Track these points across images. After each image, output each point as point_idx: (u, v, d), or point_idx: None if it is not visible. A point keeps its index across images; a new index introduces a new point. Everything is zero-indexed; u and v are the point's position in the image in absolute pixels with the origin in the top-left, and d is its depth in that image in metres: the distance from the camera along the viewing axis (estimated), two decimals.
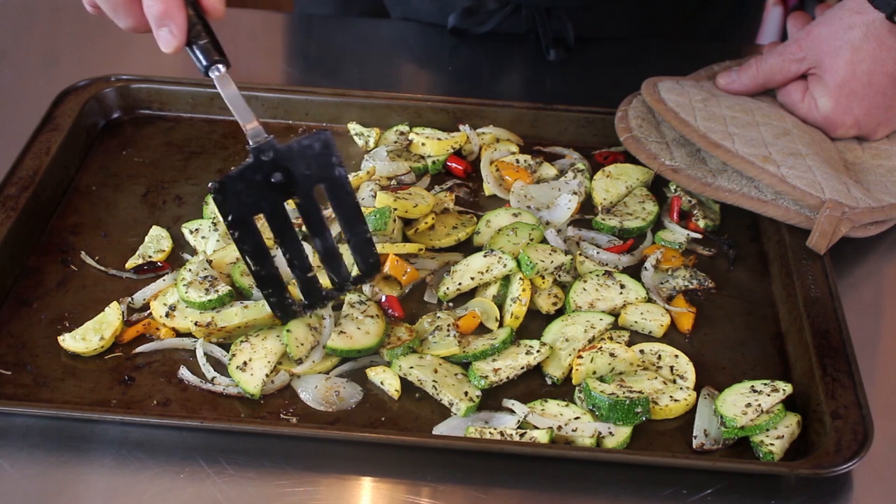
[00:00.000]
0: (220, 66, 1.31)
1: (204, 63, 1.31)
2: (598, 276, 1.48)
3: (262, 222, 1.35)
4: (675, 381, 1.36)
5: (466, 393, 1.32)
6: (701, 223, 1.59)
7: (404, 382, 1.35)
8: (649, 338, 1.44)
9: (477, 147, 1.72)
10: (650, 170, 1.63)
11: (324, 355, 1.37)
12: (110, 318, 1.39)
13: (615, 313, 1.46)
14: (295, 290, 1.38)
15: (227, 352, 1.36)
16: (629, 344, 1.41)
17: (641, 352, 1.40)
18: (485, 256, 1.47)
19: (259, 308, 1.39)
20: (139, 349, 1.38)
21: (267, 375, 1.33)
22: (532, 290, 1.45)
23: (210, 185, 1.27)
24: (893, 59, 1.56)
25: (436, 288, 1.48)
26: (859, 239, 1.54)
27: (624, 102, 1.70)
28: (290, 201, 1.33)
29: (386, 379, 1.35)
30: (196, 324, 1.37)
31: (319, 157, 1.31)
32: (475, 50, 1.97)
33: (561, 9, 1.91)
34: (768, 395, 1.31)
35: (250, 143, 1.28)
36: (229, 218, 1.28)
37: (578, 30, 1.93)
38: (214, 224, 1.53)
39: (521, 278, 1.44)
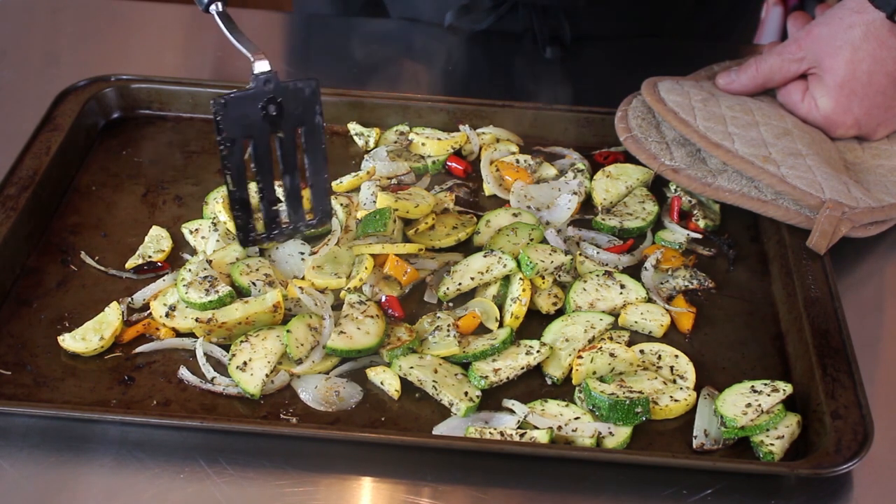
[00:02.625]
0: (219, 2, 1.40)
1: (205, 1, 1.40)
2: (598, 276, 1.48)
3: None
4: (675, 381, 1.36)
5: (466, 393, 1.32)
6: (701, 223, 1.59)
7: (404, 382, 1.35)
8: (649, 338, 1.44)
9: (477, 147, 1.72)
10: (650, 170, 1.63)
11: (324, 355, 1.37)
12: (110, 318, 1.39)
13: (615, 313, 1.46)
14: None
15: (227, 352, 1.36)
16: (629, 344, 1.41)
17: (641, 352, 1.40)
18: (485, 256, 1.47)
19: (259, 303, 1.39)
20: (139, 349, 1.38)
21: (267, 375, 1.33)
22: (532, 290, 1.45)
23: (213, 100, 1.35)
24: (894, 59, 1.56)
25: (436, 288, 1.48)
26: (859, 239, 1.54)
27: (624, 102, 1.70)
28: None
29: (386, 379, 1.35)
30: (197, 320, 1.37)
31: (307, 101, 1.41)
32: (473, 48, 1.97)
33: (557, 7, 1.91)
34: (768, 395, 1.31)
35: (255, 70, 1.37)
36: (223, 135, 1.37)
37: (575, 28, 1.94)
38: (214, 224, 1.53)
39: (521, 278, 1.44)
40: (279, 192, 1.48)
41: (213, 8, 1.40)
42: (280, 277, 1.46)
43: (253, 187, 1.44)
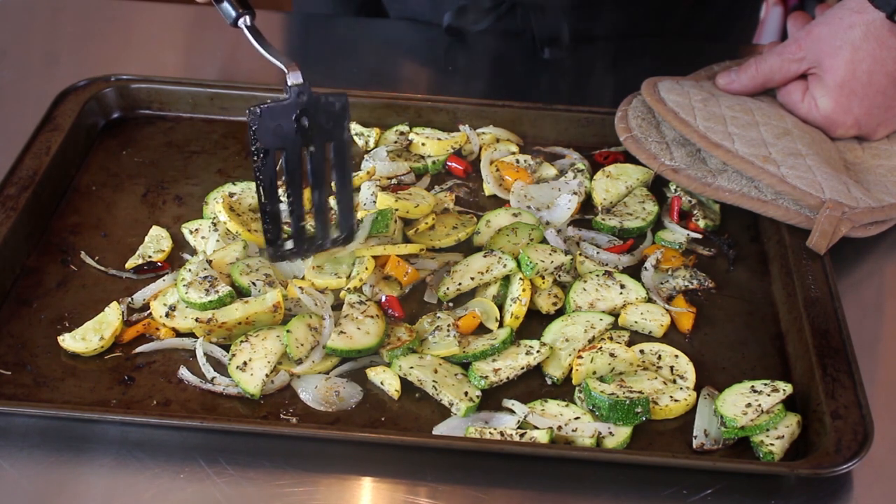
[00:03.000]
0: (248, 16, 1.38)
1: (233, 15, 1.39)
2: (598, 276, 1.48)
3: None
4: (675, 381, 1.36)
5: (466, 393, 1.32)
6: (701, 223, 1.59)
7: (404, 382, 1.35)
8: (649, 338, 1.44)
9: (477, 147, 1.72)
10: (650, 170, 1.63)
11: (324, 355, 1.37)
12: (110, 318, 1.39)
13: (615, 313, 1.45)
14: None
15: (227, 352, 1.36)
16: (629, 344, 1.41)
17: (641, 352, 1.40)
18: (485, 256, 1.47)
19: (259, 303, 1.39)
20: (139, 349, 1.38)
21: (267, 376, 1.33)
22: (532, 290, 1.45)
23: (249, 109, 1.33)
24: (894, 59, 1.56)
25: (436, 288, 1.48)
26: (859, 239, 1.54)
27: (624, 102, 1.70)
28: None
29: (386, 379, 1.35)
30: (197, 320, 1.37)
31: (338, 115, 1.40)
32: (472, 49, 1.97)
33: (555, 7, 1.91)
34: (768, 395, 1.31)
35: (290, 82, 1.35)
36: (257, 145, 1.35)
37: (573, 28, 1.93)
38: (214, 224, 1.53)
39: (521, 278, 1.44)
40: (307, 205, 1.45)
41: (241, 22, 1.38)
42: (280, 277, 1.46)
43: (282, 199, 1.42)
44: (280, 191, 1.42)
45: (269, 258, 1.44)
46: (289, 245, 1.43)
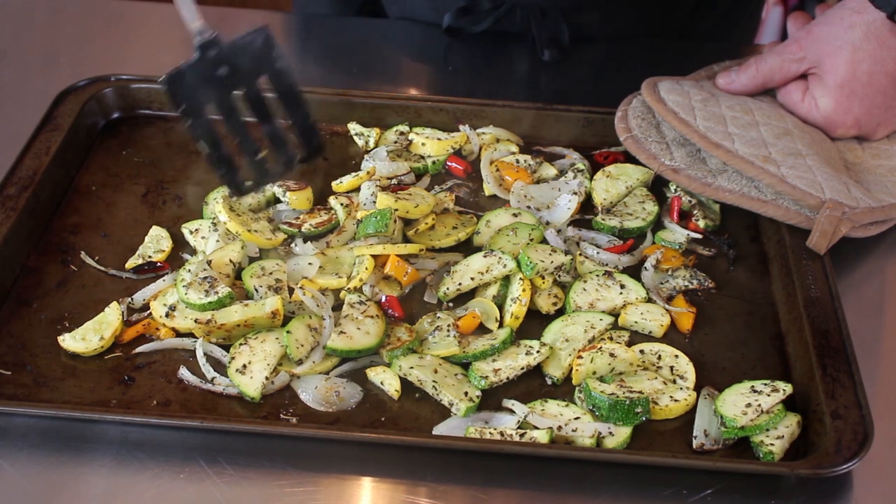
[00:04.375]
0: None
1: None
2: (598, 276, 1.48)
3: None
4: (675, 381, 1.36)
5: (466, 393, 1.32)
6: (701, 223, 1.59)
7: (404, 382, 1.35)
8: (649, 338, 1.44)
9: (477, 147, 1.72)
10: (650, 170, 1.63)
11: (324, 356, 1.37)
12: (110, 318, 1.39)
13: (615, 313, 1.46)
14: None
15: (227, 352, 1.36)
16: (629, 344, 1.41)
17: (641, 352, 1.40)
18: (485, 256, 1.47)
19: (258, 308, 1.39)
20: (139, 349, 1.38)
21: (266, 378, 1.33)
22: (532, 290, 1.45)
23: (159, 79, 1.39)
24: (894, 59, 1.56)
25: (436, 288, 1.48)
26: (859, 239, 1.54)
27: (624, 102, 1.70)
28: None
29: (386, 379, 1.35)
30: (196, 321, 1.37)
31: (261, 50, 1.44)
32: (472, 50, 1.97)
33: (555, 9, 1.91)
34: (768, 395, 1.31)
35: (196, 39, 1.39)
36: (181, 108, 1.41)
37: (573, 30, 1.93)
38: (214, 224, 1.52)
39: (521, 278, 1.44)
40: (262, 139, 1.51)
41: None
42: (290, 283, 1.45)
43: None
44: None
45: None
46: (249, 182, 1.49)
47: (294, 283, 1.44)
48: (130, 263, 1.50)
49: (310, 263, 1.47)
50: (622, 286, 1.47)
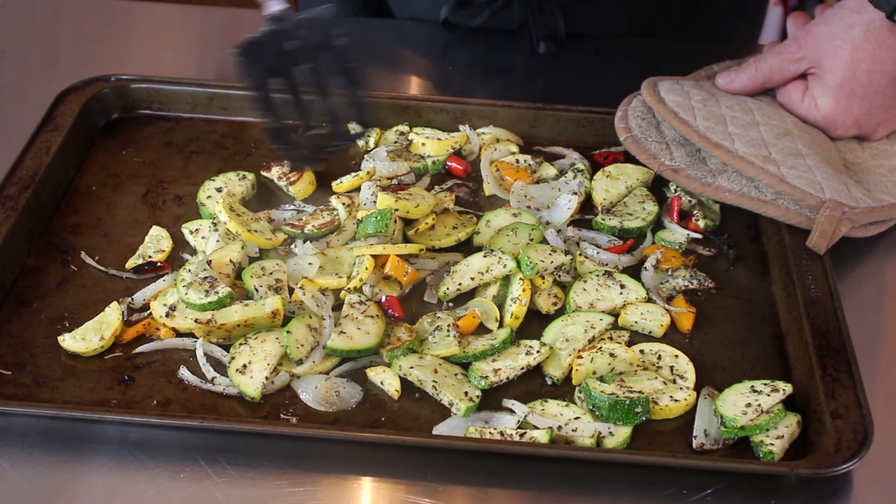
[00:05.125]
0: None
1: None
2: (598, 276, 1.48)
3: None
4: (675, 381, 1.36)
5: (466, 393, 1.32)
6: (701, 223, 1.59)
7: (404, 382, 1.35)
8: (649, 338, 1.44)
9: (477, 147, 1.72)
10: (650, 170, 1.63)
11: (324, 356, 1.37)
12: (110, 318, 1.39)
13: (615, 313, 1.46)
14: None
15: (228, 352, 1.36)
16: (629, 344, 1.41)
17: (641, 352, 1.40)
18: (485, 256, 1.47)
19: (258, 308, 1.39)
20: (139, 349, 1.38)
21: (266, 378, 1.33)
22: (532, 290, 1.45)
23: (232, 47, 1.42)
24: (893, 59, 1.56)
25: (436, 288, 1.48)
26: (859, 239, 1.54)
27: (624, 102, 1.70)
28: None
29: (386, 379, 1.35)
30: (196, 321, 1.37)
31: (326, 27, 1.50)
32: (470, 46, 1.97)
33: (553, 3, 1.91)
34: (768, 395, 1.31)
35: (267, 11, 1.42)
36: (249, 77, 1.46)
37: (571, 25, 1.93)
38: (214, 224, 1.53)
39: (521, 278, 1.44)
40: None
41: None
42: (290, 283, 1.45)
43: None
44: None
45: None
46: (303, 153, 1.56)
47: (294, 283, 1.44)
48: (130, 263, 1.50)
49: (310, 263, 1.47)
50: (622, 286, 1.47)
